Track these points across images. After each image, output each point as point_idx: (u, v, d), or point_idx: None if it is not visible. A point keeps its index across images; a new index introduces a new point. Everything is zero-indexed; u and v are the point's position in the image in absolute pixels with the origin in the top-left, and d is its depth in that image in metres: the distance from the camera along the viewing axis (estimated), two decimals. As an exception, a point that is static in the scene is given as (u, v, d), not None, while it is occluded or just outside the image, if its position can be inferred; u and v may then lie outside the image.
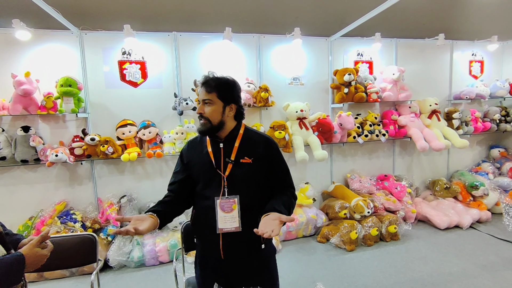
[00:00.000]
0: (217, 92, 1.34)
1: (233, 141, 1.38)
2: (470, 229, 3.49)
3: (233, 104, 1.38)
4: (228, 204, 1.32)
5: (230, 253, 1.35)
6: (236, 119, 1.42)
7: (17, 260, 0.99)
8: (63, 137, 2.99)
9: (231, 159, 1.35)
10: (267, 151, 1.39)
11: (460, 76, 4.24)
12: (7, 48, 2.82)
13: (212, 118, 1.34)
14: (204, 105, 1.35)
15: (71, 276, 2.76)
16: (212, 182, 1.36)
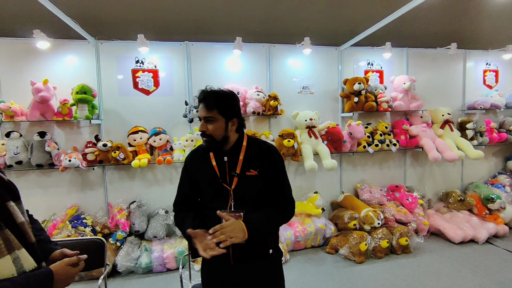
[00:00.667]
0: (217, 109, 1.31)
1: (237, 154, 1.38)
2: (486, 243, 3.36)
3: (235, 118, 1.36)
4: (234, 218, 1.31)
5: (240, 259, 1.37)
6: (237, 131, 1.41)
7: (46, 277, 0.94)
8: (77, 143, 3.07)
9: (237, 173, 1.35)
10: (271, 161, 1.39)
11: (474, 86, 4.16)
12: (28, 57, 2.95)
13: (216, 135, 1.33)
14: (206, 122, 1.33)
15: (80, 281, 2.79)
16: (219, 196, 1.37)
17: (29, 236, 0.97)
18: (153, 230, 3.08)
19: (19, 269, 0.89)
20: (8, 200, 0.95)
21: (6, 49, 2.92)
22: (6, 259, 0.86)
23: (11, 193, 0.98)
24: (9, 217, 0.93)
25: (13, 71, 2.93)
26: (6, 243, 0.88)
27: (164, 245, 3.02)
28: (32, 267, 0.93)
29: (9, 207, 0.95)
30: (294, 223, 3.30)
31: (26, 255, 0.92)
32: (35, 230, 1.07)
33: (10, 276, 0.87)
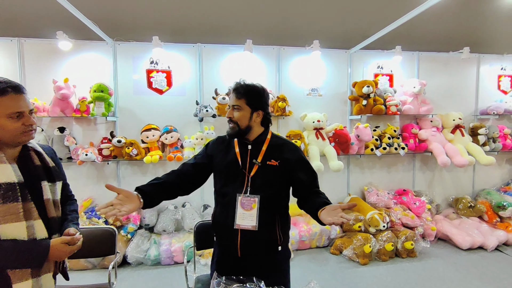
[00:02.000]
0: (246, 98, 1.42)
1: (261, 145, 1.46)
2: (495, 251, 3.31)
3: (260, 110, 1.45)
4: (248, 202, 1.39)
5: (247, 251, 1.42)
6: (263, 125, 1.49)
7: (43, 249, 1.11)
8: (93, 139, 3.23)
9: (258, 161, 1.42)
10: (293, 156, 1.45)
11: (488, 91, 4.09)
12: (51, 57, 3.14)
13: (240, 123, 1.43)
14: (234, 110, 1.43)
15: (93, 269, 2.94)
16: (235, 180, 1.44)
17: (49, 212, 1.17)
18: (162, 224, 3.20)
19: (30, 235, 1.09)
20: (43, 180, 1.19)
21: (31, 49, 3.12)
22: (21, 224, 1.08)
23: (49, 175, 1.21)
24: (39, 193, 1.16)
25: (37, 70, 3.13)
26: (25, 212, 1.09)
27: (173, 239, 3.13)
28: (43, 237, 1.13)
29: (42, 185, 1.17)
30: (299, 223, 3.35)
31: (41, 226, 1.13)
32: (67, 210, 1.31)
33: (20, 239, 1.07)
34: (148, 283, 2.73)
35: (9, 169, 1.09)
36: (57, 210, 1.22)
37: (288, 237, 1.54)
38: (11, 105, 1.08)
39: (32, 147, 1.22)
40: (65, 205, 1.34)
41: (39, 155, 1.22)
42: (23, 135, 1.13)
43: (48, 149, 1.33)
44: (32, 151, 1.21)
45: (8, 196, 1.06)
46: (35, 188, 1.15)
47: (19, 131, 1.11)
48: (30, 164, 1.18)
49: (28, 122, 1.12)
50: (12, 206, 1.06)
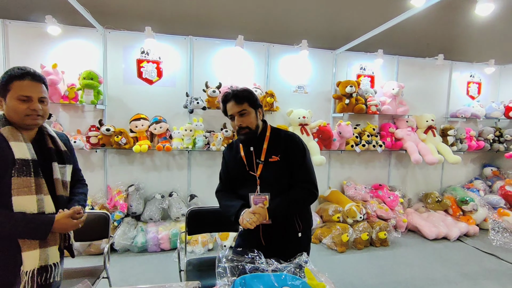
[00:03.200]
0: (247, 101, 1.48)
1: (262, 143, 1.54)
2: (457, 241, 3.65)
3: (259, 108, 1.55)
4: (260, 200, 1.50)
5: (270, 240, 1.53)
6: (262, 120, 1.60)
7: (48, 222, 1.21)
8: (81, 126, 3.22)
9: (261, 160, 1.51)
10: (290, 146, 1.52)
11: (458, 96, 4.44)
12: (38, 41, 3.07)
13: (251, 125, 1.49)
14: (241, 116, 1.47)
15: (78, 256, 2.96)
16: (247, 183, 1.54)
17: (57, 190, 1.29)
18: (149, 212, 3.26)
19: (40, 209, 1.20)
20: (54, 161, 1.30)
21: (18, 32, 3.04)
22: (32, 197, 1.19)
23: (59, 158, 1.34)
24: (49, 172, 1.28)
25: (23, 53, 3.05)
26: (37, 186, 1.20)
27: (159, 227, 3.21)
28: (51, 211, 1.25)
29: (53, 166, 1.29)
30: (282, 213, 3.52)
31: (50, 201, 1.25)
32: (76, 192, 1.42)
33: (31, 212, 1.18)
34: (135, 268, 2.80)
35: (24, 147, 1.20)
36: (65, 190, 1.33)
37: (308, 222, 1.62)
38: (23, 89, 1.20)
39: (47, 131, 1.34)
40: (75, 188, 1.44)
41: (52, 139, 1.34)
42: (28, 118, 1.22)
43: (63, 135, 1.44)
44: (47, 135, 1.33)
45: (22, 171, 1.16)
46: (47, 167, 1.27)
47: (24, 113, 1.21)
48: (43, 146, 1.30)
49: (33, 107, 1.22)
50: (25, 180, 1.17)
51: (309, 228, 1.63)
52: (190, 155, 3.56)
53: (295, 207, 1.50)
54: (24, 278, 1.17)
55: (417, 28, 3.67)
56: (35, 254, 1.20)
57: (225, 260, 0.95)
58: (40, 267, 1.20)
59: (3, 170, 1.14)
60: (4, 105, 1.21)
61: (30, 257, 1.18)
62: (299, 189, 1.50)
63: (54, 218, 1.23)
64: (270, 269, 0.97)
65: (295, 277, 0.94)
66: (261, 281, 0.90)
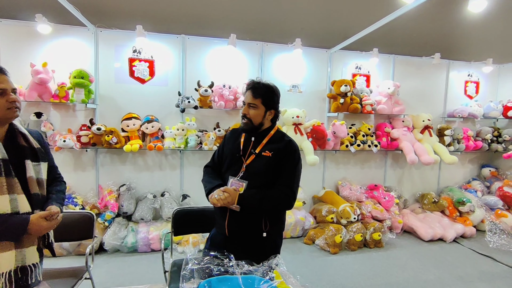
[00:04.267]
0: (262, 98, 1.54)
1: (263, 138, 1.59)
2: (453, 242, 3.60)
3: (273, 110, 1.59)
4: (237, 185, 1.52)
5: (233, 232, 1.55)
6: (272, 121, 1.62)
7: (22, 223, 1.18)
8: (71, 125, 3.20)
9: (256, 151, 1.55)
10: (285, 149, 1.54)
11: (455, 95, 4.38)
12: (29, 40, 3.06)
13: (254, 120, 1.55)
14: (249, 108, 1.54)
15: (67, 255, 2.94)
16: (235, 166, 1.59)
17: (32, 188, 1.25)
18: (140, 212, 3.24)
19: (13, 208, 1.17)
20: (27, 159, 1.26)
21: (8, 30, 3.02)
22: (4, 197, 1.15)
23: (33, 155, 1.29)
24: (22, 171, 1.24)
25: (13, 52, 3.04)
26: (9, 186, 1.16)
27: (150, 227, 3.18)
28: (27, 211, 1.21)
29: (26, 163, 1.25)
30: (275, 214, 3.48)
31: (24, 200, 1.20)
32: (54, 190, 1.38)
33: (4, 212, 1.14)
34: (125, 269, 2.77)
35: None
36: (41, 188, 1.30)
37: (278, 228, 1.62)
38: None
39: (17, 128, 1.30)
40: (52, 185, 1.41)
41: (24, 136, 1.30)
42: (9, 112, 1.22)
43: (36, 132, 1.41)
44: (18, 132, 1.29)
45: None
46: (19, 165, 1.24)
47: (5, 107, 1.20)
48: (15, 144, 1.26)
49: (11, 99, 1.21)
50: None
51: (278, 234, 1.63)
52: (182, 155, 3.53)
53: (266, 204, 1.50)
54: (1, 279, 1.15)
55: (413, 26, 3.61)
56: (11, 255, 1.17)
57: (192, 263, 0.91)
58: (17, 268, 1.18)
59: None
60: None
61: (5, 258, 1.16)
62: (277, 191, 1.51)
63: (29, 219, 1.19)
64: (240, 271, 0.93)
65: (263, 279, 0.90)
66: (227, 284, 0.87)
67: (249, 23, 3.54)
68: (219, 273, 0.91)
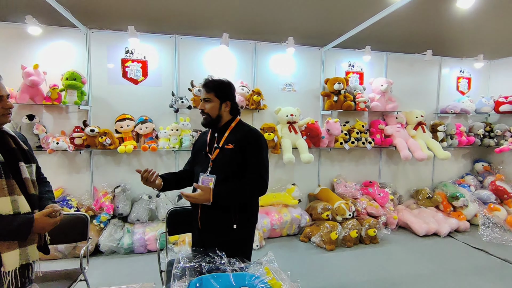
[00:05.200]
0: (214, 92, 1.63)
1: (225, 132, 1.65)
2: (447, 237, 3.64)
3: (228, 101, 1.65)
4: (207, 180, 1.58)
5: (205, 225, 1.62)
6: (231, 113, 1.68)
7: (28, 222, 1.21)
8: (65, 127, 3.18)
9: (219, 146, 1.60)
10: (247, 140, 1.59)
11: (448, 91, 4.43)
12: (19, 42, 3.04)
13: (211, 113, 1.63)
14: (205, 103, 1.63)
15: (63, 258, 2.93)
16: (203, 163, 1.66)
17: (29, 189, 1.28)
18: (136, 213, 3.23)
19: (15, 210, 1.20)
20: (21, 161, 1.29)
21: (-2, 32, 3.00)
22: (6, 199, 1.18)
23: (25, 157, 1.33)
24: (17, 173, 1.27)
25: (3, 54, 3.01)
26: (9, 188, 1.19)
27: (146, 228, 3.17)
28: (26, 211, 1.24)
29: (20, 165, 1.28)
30: (271, 212, 3.50)
31: (24, 201, 1.24)
32: (43, 190, 1.41)
33: (7, 213, 1.17)
34: (121, 270, 2.76)
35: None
36: (35, 188, 1.34)
37: (247, 220, 1.64)
38: None
39: (6, 131, 1.31)
40: (41, 186, 1.43)
41: (13, 139, 1.32)
42: (3, 117, 1.25)
43: (19, 135, 1.42)
44: (7, 135, 1.31)
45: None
46: (14, 168, 1.27)
47: (0, 113, 1.23)
48: (7, 147, 1.28)
49: (7, 105, 1.24)
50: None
51: (250, 225, 1.67)
52: (177, 155, 3.53)
53: (238, 195, 1.56)
54: (7, 278, 1.18)
55: (404, 23, 3.64)
56: (15, 254, 1.20)
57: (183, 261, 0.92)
58: (21, 266, 1.22)
59: None
60: None
61: (10, 257, 1.19)
62: (247, 179, 1.56)
63: (34, 218, 1.22)
64: (231, 269, 0.94)
65: (254, 275, 0.91)
66: (218, 281, 0.88)
67: (242, 22, 3.54)
68: (210, 271, 0.92)
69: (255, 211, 1.72)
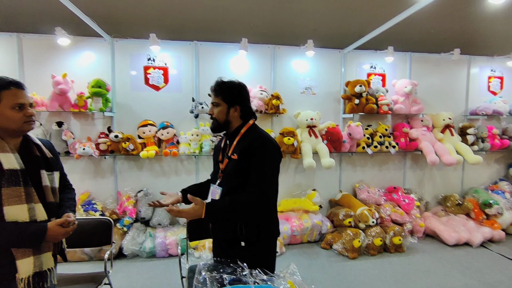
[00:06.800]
0: (221, 95, 1.49)
1: (235, 138, 1.51)
2: (480, 247, 3.42)
3: (237, 105, 1.49)
4: (214, 192, 1.52)
5: (216, 238, 1.59)
6: (242, 118, 1.53)
7: (41, 231, 1.22)
8: (90, 133, 3.30)
9: (228, 155, 1.49)
10: (250, 147, 1.42)
11: (478, 92, 4.19)
12: (49, 52, 3.20)
13: (218, 118, 1.50)
14: (213, 107, 1.52)
15: (89, 260, 3.02)
16: (215, 172, 1.61)
17: (48, 197, 1.30)
18: (157, 217, 3.28)
19: (31, 217, 1.22)
20: (42, 169, 1.32)
21: (30, 44, 3.17)
22: (23, 206, 1.21)
23: (47, 165, 1.35)
24: (38, 180, 1.29)
25: (36, 65, 3.18)
26: (27, 196, 1.22)
27: (167, 232, 3.21)
28: (43, 219, 1.26)
29: (41, 174, 1.31)
30: (291, 218, 3.44)
31: (41, 209, 1.26)
32: (65, 198, 1.44)
33: (23, 221, 1.20)
34: (143, 274, 2.81)
35: (12, 158, 1.22)
36: (55, 196, 1.36)
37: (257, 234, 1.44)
38: (14, 98, 1.23)
39: (31, 139, 1.35)
40: (63, 193, 1.46)
41: (37, 146, 1.36)
42: (26, 125, 1.27)
43: (47, 142, 1.46)
44: (31, 143, 1.35)
45: (11, 181, 1.19)
46: (35, 175, 1.29)
47: (22, 120, 1.25)
48: (30, 154, 1.31)
49: (29, 113, 1.27)
50: (15, 189, 1.20)
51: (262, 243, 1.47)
52: (197, 160, 3.56)
53: (232, 213, 1.37)
54: (20, 284, 1.20)
55: (429, 22, 3.49)
56: (29, 261, 1.22)
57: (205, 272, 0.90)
58: (35, 273, 1.23)
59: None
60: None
61: (24, 265, 1.21)
62: (244, 193, 1.39)
63: (47, 227, 1.24)
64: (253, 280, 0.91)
65: (277, 290, 0.88)
66: (240, 293, 0.85)
67: (261, 27, 3.54)
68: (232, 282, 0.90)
69: (268, 228, 1.50)
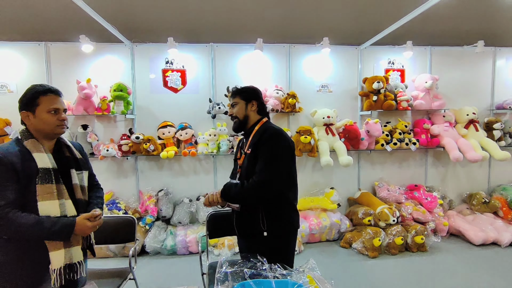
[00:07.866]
0: (239, 95, 1.68)
1: (251, 134, 1.63)
2: (510, 247, 3.27)
3: (254, 101, 1.66)
4: None
5: (240, 232, 1.66)
6: (259, 114, 1.69)
7: (70, 224, 1.32)
8: (113, 135, 3.43)
9: (244, 151, 1.62)
10: (264, 142, 1.50)
11: (504, 85, 4.00)
12: (74, 59, 3.36)
13: (239, 115, 1.66)
14: (232, 107, 1.69)
15: (114, 257, 3.15)
16: (235, 169, 1.74)
17: (77, 194, 1.42)
18: (178, 216, 3.37)
19: (62, 212, 1.32)
20: (72, 168, 1.43)
21: (57, 52, 3.35)
22: (55, 202, 1.31)
23: (77, 165, 1.46)
24: (68, 179, 1.40)
25: (62, 71, 3.36)
26: (58, 192, 1.32)
27: (188, 230, 3.29)
28: (73, 214, 1.36)
29: (71, 173, 1.42)
30: (309, 216, 3.43)
31: (71, 205, 1.37)
32: (94, 196, 1.55)
33: (55, 215, 1.30)
34: (165, 270, 2.90)
35: (46, 158, 1.33)
36: (83, 194, 1.46)
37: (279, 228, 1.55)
38: (51, 103, 1.36)
39: (63, 141, 1.47)
40: (92, 192, 1.57)
41: (68, 148, 1.47)
42: (58, 128, 1.38)
43: (77, 144, 1.58)
44: (64, 145, 1.47)
45: (45, 178, 1.29)
46: (66, 174, 1.40)
47: (56, 124, 1.37)
48: (61, 155, 1.43)
49: (62, 117, 1.38)
50: (48, 186, 1.30)
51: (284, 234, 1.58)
52: (215, 159, 3.62)
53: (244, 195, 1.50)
54: (53, 275, 1.30)
55: (450, 14, 3.37)
56: (61, 254, 1.32)
57: (225, 266, 0.94)
58: (66, 265, 1.33)
59: (29, 178, 1.27)
60: (33, 118, 1.33)
61: (56, 256, 1.31)
62: (250, 180, 1.49)
63: (75, 221, 1.34)
64: (273, 275, 0.94)
65: (297, 283, 0.90)
66: (260, 287, 0.88)
67: (276, 26, 3.55)
68: (252, 276, 0.92)
69: (288, 219, 1.59)
